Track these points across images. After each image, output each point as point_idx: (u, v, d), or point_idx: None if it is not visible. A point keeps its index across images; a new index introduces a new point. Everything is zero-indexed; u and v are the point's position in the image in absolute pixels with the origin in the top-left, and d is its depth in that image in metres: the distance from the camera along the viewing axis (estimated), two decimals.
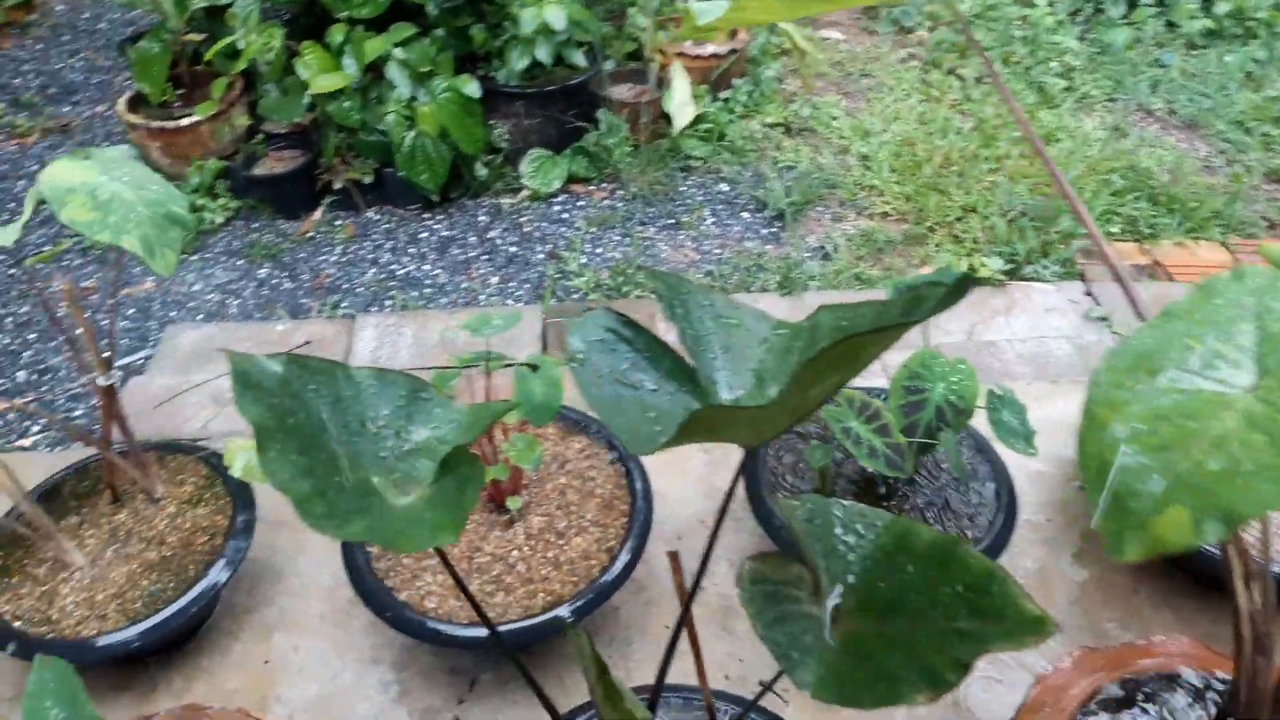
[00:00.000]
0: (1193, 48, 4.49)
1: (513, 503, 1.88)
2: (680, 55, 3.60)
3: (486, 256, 3.25)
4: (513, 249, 3.27)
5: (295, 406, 0.92)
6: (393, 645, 2.01)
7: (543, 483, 2.00)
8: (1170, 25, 4.55)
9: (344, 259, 3.26)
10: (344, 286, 3.14)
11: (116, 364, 1.92)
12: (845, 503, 0.98)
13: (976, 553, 0.90)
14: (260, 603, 2.10)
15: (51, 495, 2.05)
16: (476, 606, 1.09)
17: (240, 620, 2.06)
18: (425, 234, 3.35)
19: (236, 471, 1.76)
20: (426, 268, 3.21)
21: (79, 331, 1.78)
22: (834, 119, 3.85)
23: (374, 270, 3.21)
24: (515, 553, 1.86)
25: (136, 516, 1.99)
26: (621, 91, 3.64)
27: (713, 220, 3.37)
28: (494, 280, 3.14)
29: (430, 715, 1.88)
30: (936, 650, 0.84)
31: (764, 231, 3.31)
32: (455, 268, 3.20)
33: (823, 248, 3.21)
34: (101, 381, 1.79)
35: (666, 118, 3.63)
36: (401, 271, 3.20)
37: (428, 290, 3.11)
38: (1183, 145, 3.77)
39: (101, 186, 1.40)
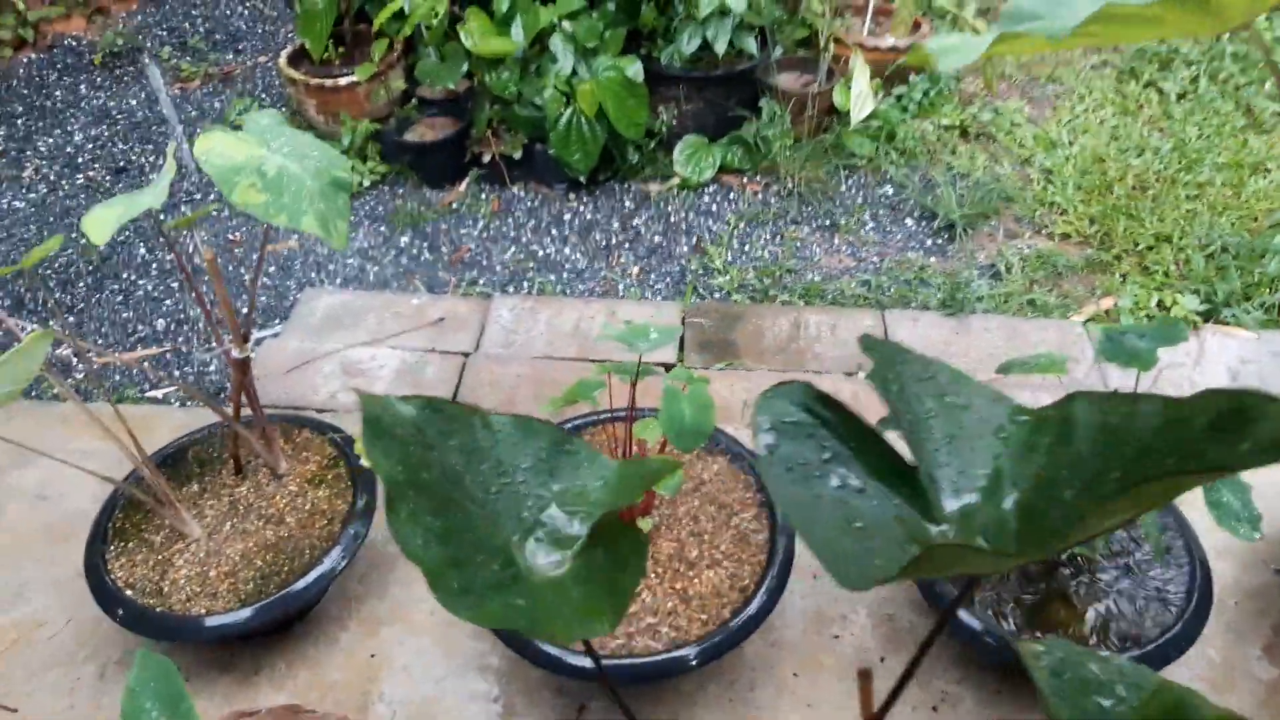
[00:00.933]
0: None
1: (643, 524, 1.74)
2: (858, 46, 3.37)
3: (629, 244, 3.11)
4: (657, 238, 3.12)
5: (429, 459, 0.79)
6: (501, 655, 1.90)
7: (675, 505, 1.85)
8: None
9: (485, 234, 3.17)
10: (483, 263, 3.06)
11: (254, 335, 1.87)
12: (1102, 656, 0.78)
13: None
14: (371, 591, 2.02)
15: (175, 459, 2.01)
16: (591, 650, 0.94)
17: (350, 608, 1.99)
18: (569, 215, 3.23)
19: (366, 462, 1.67)
20: (567, 251, 3.09)
21: (213, 303, 1.72)
22: (1015, 126, 3.55)
23: (514, 249, 3.11)
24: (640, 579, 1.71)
25: (258, 491, 1.93)
26: (787, 80, 3.43)
27: (873, 225, 3.14)
28: (634, 270, 3.00)
29: None
30: None
31: (929, 242, 3.06)
32: (596, 253, 3.08)
33: (994, 266, 2.94)
34: (236, 355, 1.73)
35: (833, 111, 3.41)
36: (542, 253, 3.09)
37: (566, 275, 2.99)
38: None
39: (266, 162, 1.31)
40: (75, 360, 2.76)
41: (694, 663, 1.62)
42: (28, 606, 2.03)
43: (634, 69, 3.06)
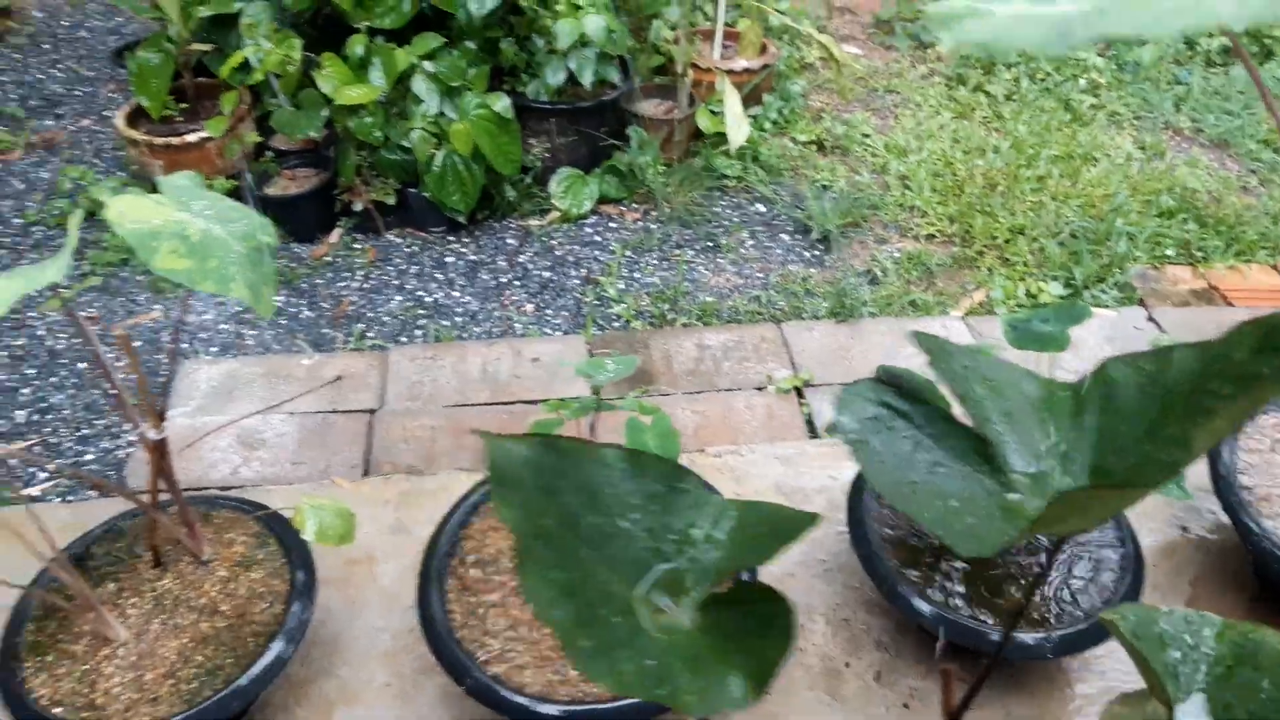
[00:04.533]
0: (1211, 65, 4.45)
1: None
2: (723, 71, 3.46)
3: (519, 282, 3.07)
4: (546, 274, 3.10)
5: (546, 504, 0.75)
6: (469, 717, 1.82)
7: None
8: (1189, 43, 4.51)
9: (366, 285, 3.07)
10: (368, 315, 2.95)
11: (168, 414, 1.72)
12: (1165, 611, 0.83)
13: None
14: (317, 673, 1.90)
15: (81, 559, 1.84)
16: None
17: (297, 693, 1.87)
18: (452, 258, 3.17)
19: (309, 535, 1.58)
20: (456, 294, 3.03)
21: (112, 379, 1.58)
22: (866, 137, 3.74)
23: (400, 297, 3.02)
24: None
25: (183, 581, 1.78)
26: (650, 108, 3.49)
27: (752, 243, 3.22)
28: (529, 307, 2.97)
29: None
30: None
31: (807, 254, 3.17)
32: (487, 294, 3.02)
33: (870, 271, 3.08)
34: (153, 436, 1.60)
35: (698, 135, 3.49)
36: (429, 299, 3.01)
37: (459, 318, 2.93)
38: (1214, 164, 3.70)
39: (189, 226, 1.22)
40: None
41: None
42: None
43: (503, 104, 3.04)
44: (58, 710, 1.61)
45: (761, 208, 3.38)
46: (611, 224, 3.30)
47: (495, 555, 1.81)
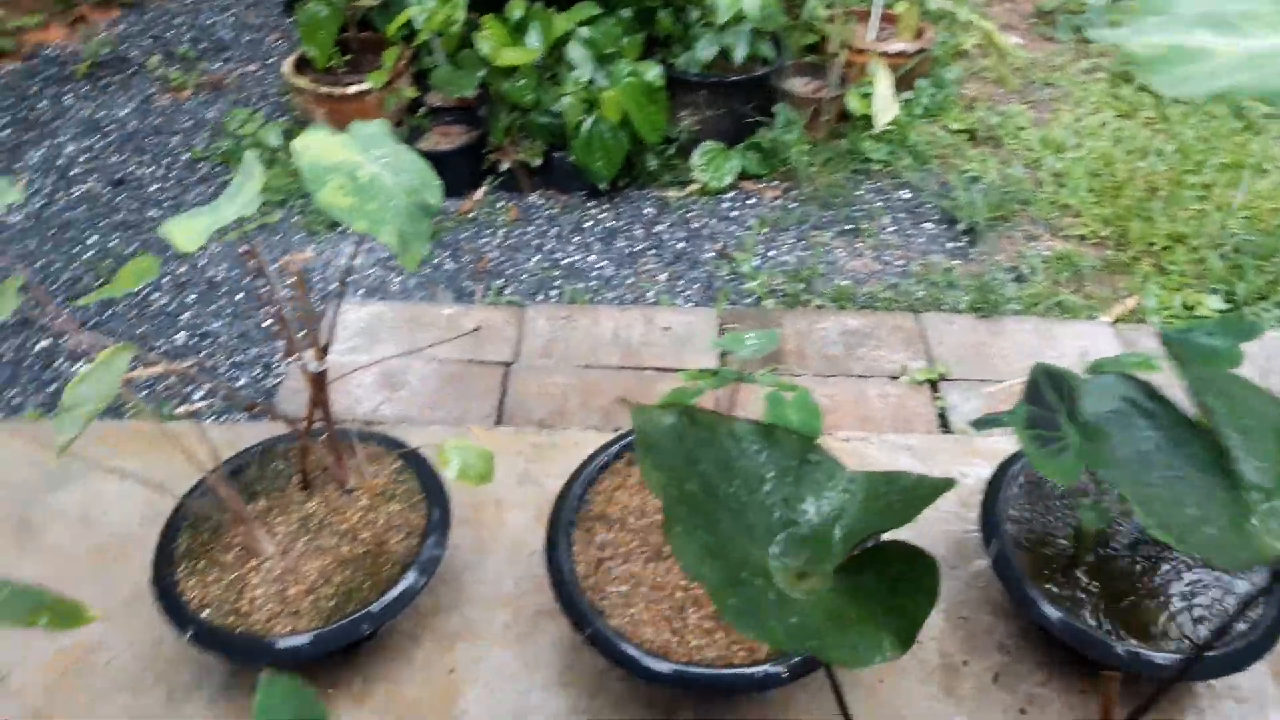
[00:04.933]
0: None
1: None
2: (878, 53, 3.40)
3: (654, 251, 3.10)
4: (681, 245, 3.12)
5: (688, 471, 0.77)
6: (583, 668, 1.87)
7: None
8: None
9: (507, 243, 3.14)
10: (507, 271, 3.02)
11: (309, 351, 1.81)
12: None
13: None
14: (443, 606, 1.98)
15: (236, 475, 1.96)
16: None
17: (423, 623, 1.95)
18: (590, 223, 3.22)
19: (451, 473, 1.64)
20: (592, 258, 3.07)
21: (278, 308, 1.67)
22: (1020, 130, 3.61)
23: (538, 257, 3.08)
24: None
25: (328, 507, 1.88)
26: (799, 86, 3.45)
27: (893, 229, 3.17)
28: (662, 277, 2.99)
29: None
30: None
31: (950, 245, 3.10)
32: (622, 261, 3.06)
33: (1016, 268, 2.99)
34: (314, 368, 1.68)
35: (846, 116, 3.44)
36: (566, 260, 3.07)
37: (594, 282, 2.97)
38: None
39: (362, 168, 1.28)
40: None
41: (785, 676, 1.60)
42: (81, 632, 1.96)
43: (654, 74, 3.05)
44: (205, 613, 1.72)
45: (906, 194, 3.31)
46: (750, 200, 3.28)
47: (622, 514, 1.85)
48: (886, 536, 0.83)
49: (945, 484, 0.83)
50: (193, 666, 1.88)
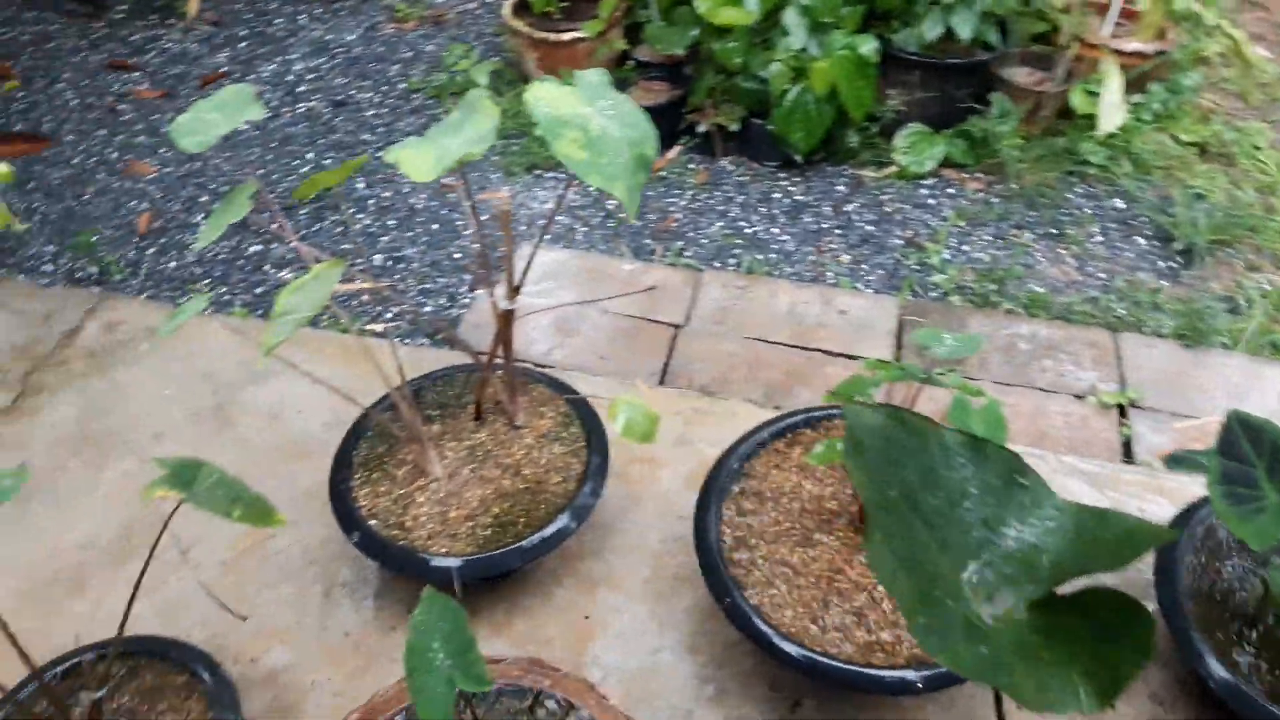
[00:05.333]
0: None
1: None
2: (1111, 51, 3.18)
3: (840, 231, 3.03)
4: (869, 227, 3.04)
5: (891, 475, 0.76)
6: (714, 637, 1.89)
7: None
8: None
9: (693, 205, 3.15)
10: (689, 234, 3.03)
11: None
12: None
13: None
14: (588, 551, 2.03)
15: (416, 396, 2.05)
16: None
17: (567, 565, 2.01)
18: (778, 195, 3.18)
19: (617, 428, 1.67)
20: (775, 231, 3.04)
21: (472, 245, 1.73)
22: (1257, 149, 3.32)
23: (721, 223, 3.07)
24: (882, 587, 1.67)
25: (496, 440, 1.96)
26: (1020, 76, 3.28)
27: (1101, 239, 2.98)
28: (845, 258, 2.93)
29: None
30: None
31: (1161, 265, 2.89)
32: (805, 237, 3.01)
33: (1232, 298, 2.76)
34: (504, 305, 1.74)
35: (1067, 113, 3.25)
36: (749, 230, 3.04)
37: (774, 255, 2.94)
38: None
39: (591, 121, 1.30)
40: None
41: (919, 686, 1.56)
42: None
43: (869, 47, 2.97)
44: (373, 521, 1.83)
45: (1120, 203, 3.11)
46: (949, 189, 3.16)
47: (775, 493, 1.84)
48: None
49: (1167, 534, 0.78)
50: (351, 570, 2.01)
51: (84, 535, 2.09)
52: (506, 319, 1.78)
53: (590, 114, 1.31)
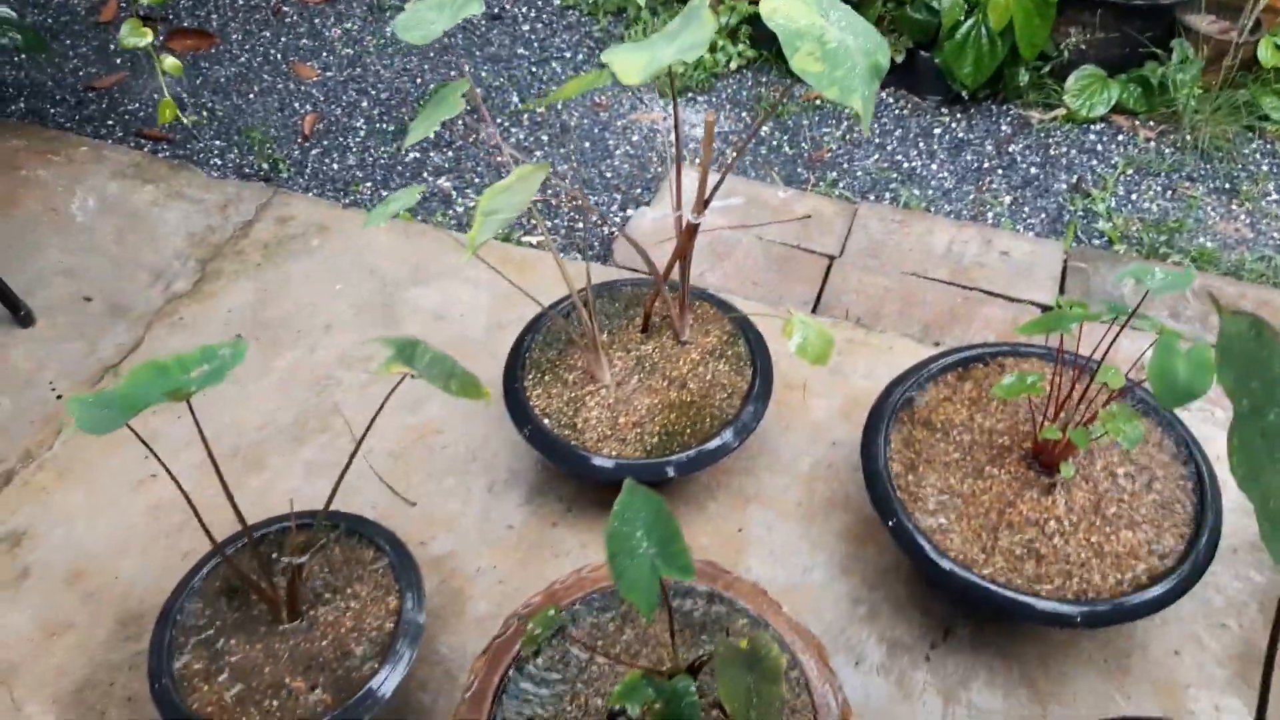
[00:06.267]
0: None
1: (1065, 469, 1.68)
2: None
3: (1002, 171, 2.95)
4: (1033, 169, 2.95)
5: (1245, 380, 0.75)
6: (866, 562, 1.91)
7: (1092, 456, 1.77)
8: None
9: (849, 137, 3.10)
10: (843, 166, 2.99)
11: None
12: None
13: None
14: (741, 470, 2.07)
15: (585, 305, 2.10)
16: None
17: (721, 480, 2.05)
18: (939, 130, 3.10)
19: (792, 346, 1.68)
20: (934, 167, 2.98)
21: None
22: None
23: (877, 156, 3.02)
24: (1053, 523, 1.67)
25: (663, 353, 1.99)
26: (1204, 23, 3.11)
27: (1277, 198, 2.84)
28: (1006, 199, 2.86)
29: (898, 650, 1.78)
30: None
31: None
32: (965, 175, 2.94)
33: None
34: (691, 219, 1.76)
35: (1252, 65, 3.08)
36: (907, 165, 2.99)
37: (931, 192, 2.89)
38: None
39: (826, 33, 1.29)
40: (454, 195, 2.92)
41: (1077, 620, 1.57)
42: (427, 411, 2.21)
43: None
44: (545, 420, 1.89)
45: None
46: (1120, 136, 3.04)
47: (945, 425, 1.84)
48: None
49: None
50: (512, 468, 2.09)
51: (261, 417, 2.22)
52: (691, 233, 1.79)
53: (826, 25, 1.30)
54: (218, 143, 3.11)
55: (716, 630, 1.50)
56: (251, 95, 3.31)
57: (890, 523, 1.69)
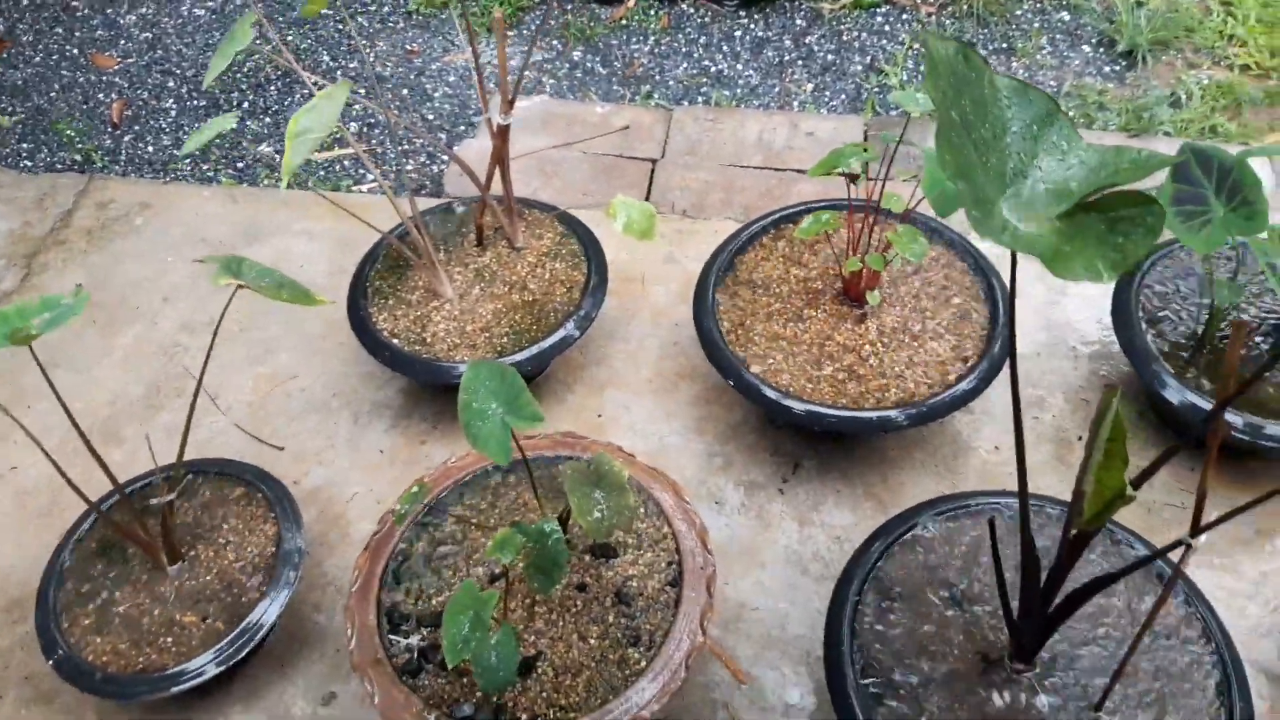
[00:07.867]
0: None
1: (872, 298, 1.85)
2: None
3: (802, 62, 3.13)
4: (830, 57, 3.14)
5: (955, 99, 0.89)
6: (717, 420, 2.06)
7: (896, 284, 1.95)
8: None
9: (656, 50, 3.22)
10: (656, 78, 3.11)
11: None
12: None
13: None
14: (592, 360, 2.19)
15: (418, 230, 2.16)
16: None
17: (576, 374, 2.17)
18: (740, 33, 3.25)
19: (618, 226, 1.78)
20: (739, 68, 3.13)
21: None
22: None
23: (686, 65, 3.15)
24: (867, 347, 1.84)
25: (500, 261, 2.08)
26: None
27: (1049, 50, 3.11)
28: (809, 87, 3.03)
29: (754, 490, 1.94)
30: None
31: (1107, 69, 3.03)
32: (769, 71, 3.11)
33: (1174, 94, 2.91)
34: (499, 120, 1.85)
35: None
36: (714, 69, 3.13)
37: (740, 90, 3.04)
38: None
39: None
40: (276, 158, 2.91)
41: (902, 422, 1.74)
42: (277, 361, 2.25)
43: None
44: (395, 340, 1.96)
45: (1066, 16, 3.22)
46: (904, 15, 3.25)
47: (765, 281, 1.99)
48: None
49: (1172, 158, 0.92)
50: (373, 399, 2.15)
51: (110, 394, 2.21)
52: (503, 134, 1.88)
53: None
54: (25, 145, 3.01)
55: None
56: (53, 94, 3.21)
57: (730, 379, 1.83)
